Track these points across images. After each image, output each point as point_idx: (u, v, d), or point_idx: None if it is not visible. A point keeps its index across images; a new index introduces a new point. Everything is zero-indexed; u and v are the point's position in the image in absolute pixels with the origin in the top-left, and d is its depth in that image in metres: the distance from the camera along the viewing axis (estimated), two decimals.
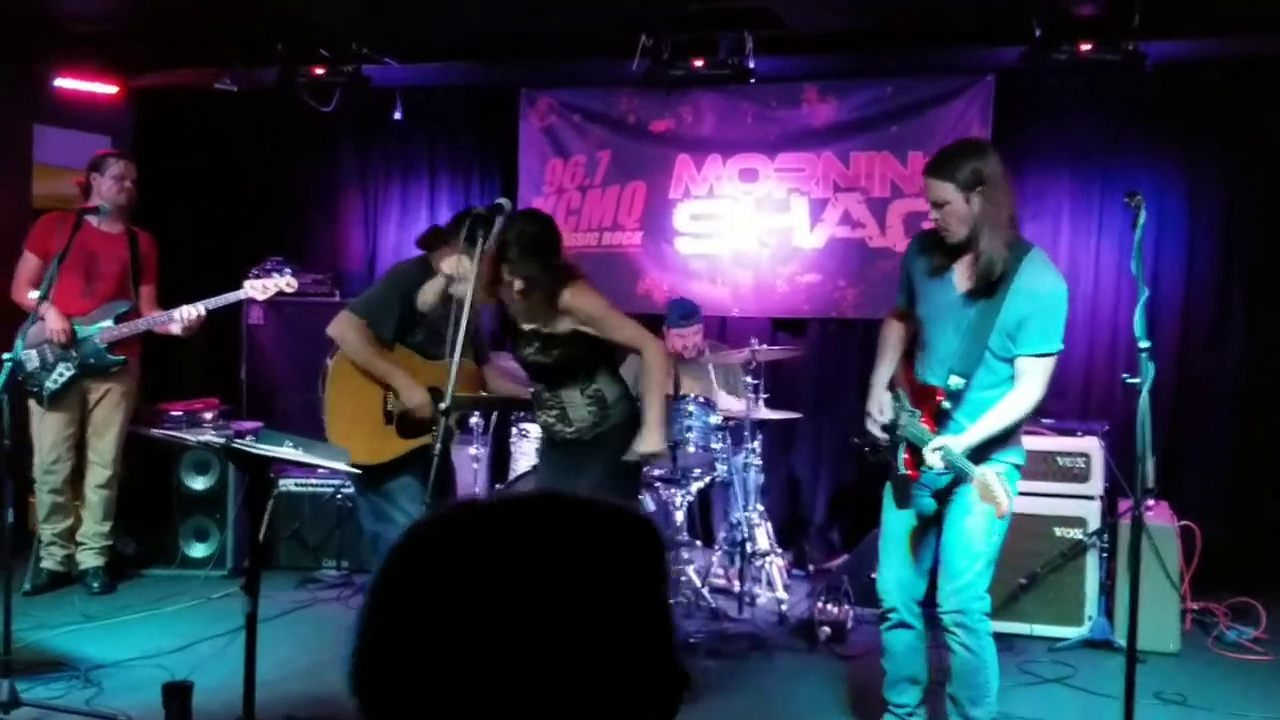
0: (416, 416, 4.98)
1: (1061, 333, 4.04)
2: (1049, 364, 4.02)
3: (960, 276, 4.09)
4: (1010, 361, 4.02)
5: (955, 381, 4.03)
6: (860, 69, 7.41)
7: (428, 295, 4.65)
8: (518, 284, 4.45)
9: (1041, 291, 3.97)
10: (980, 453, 4.02)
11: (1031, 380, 3.99)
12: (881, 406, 4.29)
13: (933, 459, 3.96)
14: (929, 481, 4.19)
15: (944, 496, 4.21)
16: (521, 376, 5.10)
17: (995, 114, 7.15)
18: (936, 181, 3.99)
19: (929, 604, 4.39)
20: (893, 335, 4.41)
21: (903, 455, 4.19)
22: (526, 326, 4.64)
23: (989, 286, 3.99)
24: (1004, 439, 4.08)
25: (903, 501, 4.32)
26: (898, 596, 4.35)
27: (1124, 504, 5.73)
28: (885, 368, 4.37)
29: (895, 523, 4.36)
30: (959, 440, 3.97)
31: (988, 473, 3.87)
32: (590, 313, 4.60)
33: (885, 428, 4.27)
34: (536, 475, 5.08)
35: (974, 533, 4.10)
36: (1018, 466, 4.18)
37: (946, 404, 4.05)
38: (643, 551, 1.16)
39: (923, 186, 6.85)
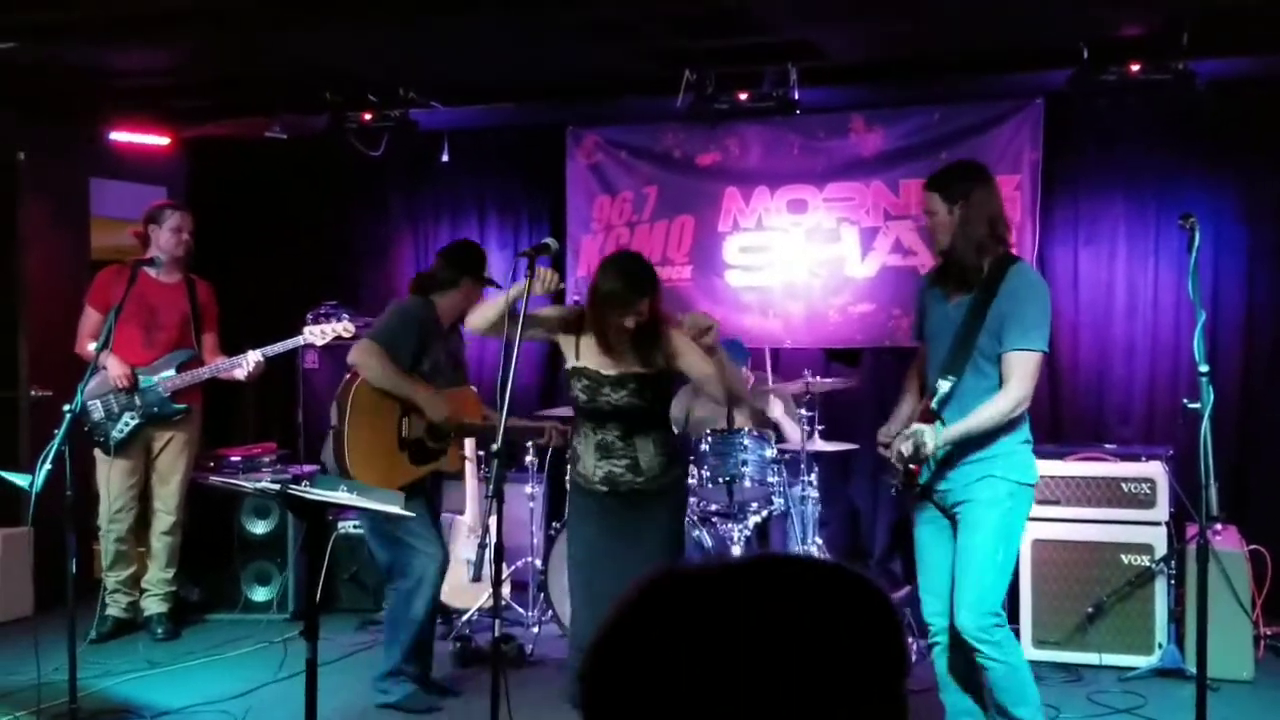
0: (446, 428, 5.19)
1: (1043, 333, 4.15)
2: (1031, 361, 4.11)
3: (951, 289, 4.30)
4: (996, 364, 4.14)
5: (942, 384, 4.16)
6: (906, 97, 7.38)
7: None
8: (631, 321, 4.44)
9: (1020, 289, 4.14)
10: (983, 469, 4.15)
11: (1015, 377, 4.11)
12: (887, 432, 4.42)
13: (905, 447, 4.12)
14: (934, 492, 4.29)
15: (953, 518, 4.27)
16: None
17: (1046, 137, 7.11)
18: (927, 193, 4.31)
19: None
20: (913, 373, 4.62)
21: (909, 466, 4.29)
22: (614, 371, 4.54)
23: (974, 289, 4.18)
24: (1007, 456, 4.17)
25: (923, 514, 4.40)
26: (941, 620, 4.37)
27: (1191, 529, 5.63)
28: (904, 404, 4.54)
29: (928, 549, 4.41)
30: (944, 432, 4.10)
31: (929, 429, 4.09)
32: (680, 344, 4.59)
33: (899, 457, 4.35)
34: (583, 528, 4.77)
35: (982, 548, 4.16)
36: (1025, 485, 4.24)
37: (934, 405, 4.16)
38: (888, 633, 1.09)
39: None
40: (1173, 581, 5.79)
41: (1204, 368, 4.15)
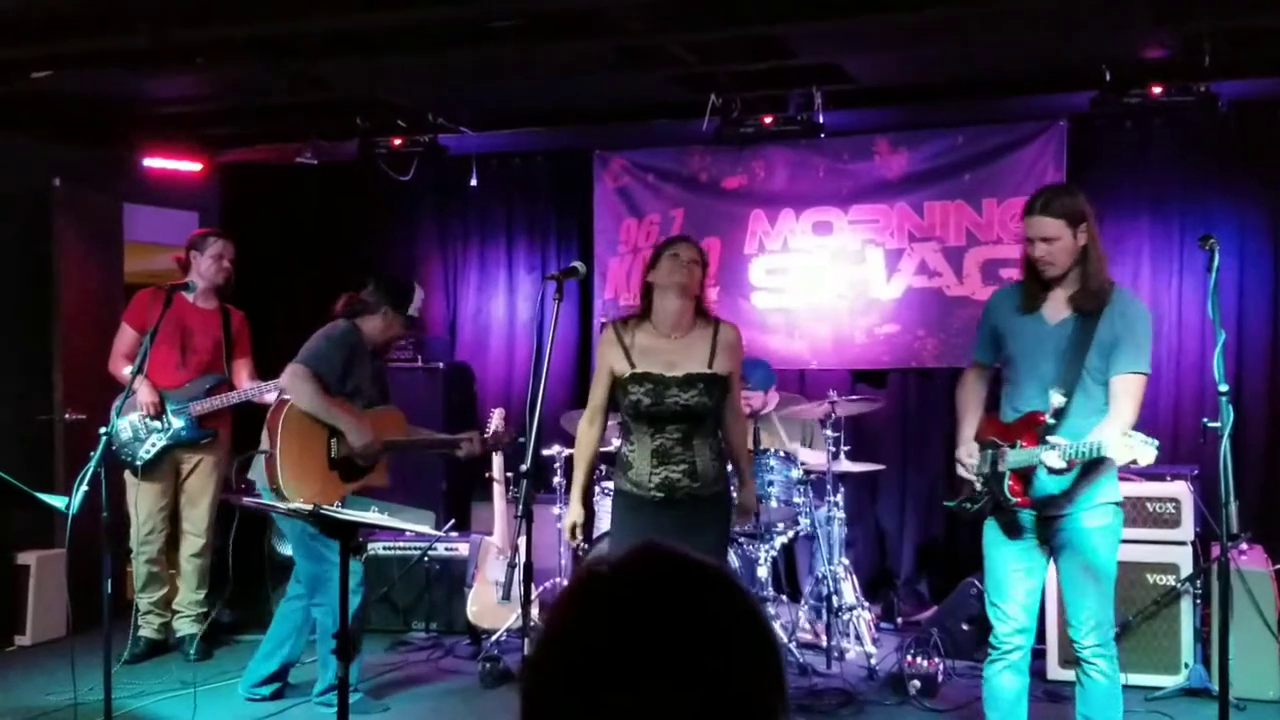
0: (362, 457, 5.48)
1: (1149, 356, 4.24)
2: (1140, 383, 4.21)
3: (1051, 308, 4.28)
4: (1104, 385, 4.18)
5: (1057, 399, 4.15)
6: (930, 120, 7.43)
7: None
8: (698, 272, 4.64)
9: (1131, 314, 4.25)
10: (1082, 493, 4.16)
11: (1127, 399, 4.15)
12: (971, 452, 4.35)
13: (1051, 459, 3.99)
14: (1040, 504, 4.23)
15: (1055, 539, 4.24)
16: None
17: (1070, 158, 7.14)
18: (1046, 219, 4.18)
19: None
20: (972, 391, 4.54)
21: (1008, 485, 4.20)
22: (680, 373, 4.57)
23: (1091, 310, 4.20)
24: (1109, 478, 4.21)
25: (1013, 532, 4.31)
26: (1018, 639, 4.31)
27: (1217, 548, 5.62)
28: (970, 421, 4.46)
29: (1014, 568, 4.31)
30: (1074, 444, 4.01)
31: (1121, 439, 3.91)
32: (736, 358, 4.72)
33: (982, 476, 4.30)
34: (630, 534, 4.70)
35: (1100, 568, 4.20)
36: (1120, 505, 4.27)
37: (1051, 420, 4.13)
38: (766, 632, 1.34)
39: (999, 234, 7.03)
40: (1199, 601, 5.79)
41: (1223, 387, 4.22)
